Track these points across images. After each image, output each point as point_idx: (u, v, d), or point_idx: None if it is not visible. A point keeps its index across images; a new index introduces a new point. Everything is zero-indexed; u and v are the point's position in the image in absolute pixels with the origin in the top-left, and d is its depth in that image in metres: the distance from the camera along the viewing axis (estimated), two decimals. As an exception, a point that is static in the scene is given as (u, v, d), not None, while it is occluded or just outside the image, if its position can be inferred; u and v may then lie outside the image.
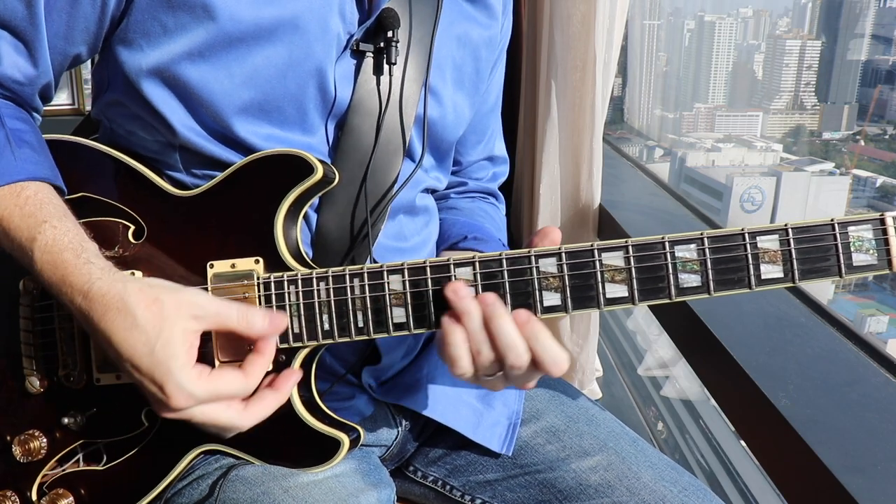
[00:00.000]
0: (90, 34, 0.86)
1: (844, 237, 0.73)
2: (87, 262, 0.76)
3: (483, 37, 1.05)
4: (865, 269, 0.73)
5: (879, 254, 0.73)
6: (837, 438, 0.84)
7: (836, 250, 0.73)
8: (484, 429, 1.01)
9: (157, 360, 0.72)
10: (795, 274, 0.73)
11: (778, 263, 0.74)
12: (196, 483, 0.89)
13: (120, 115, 0.92)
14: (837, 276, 0.73)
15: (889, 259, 0.73)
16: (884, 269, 0.74)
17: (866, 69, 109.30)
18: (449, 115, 1.00)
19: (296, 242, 0.86)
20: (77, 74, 3.05)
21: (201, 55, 0.84)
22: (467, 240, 1.06)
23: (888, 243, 0.73)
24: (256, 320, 0.77)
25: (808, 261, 0.73)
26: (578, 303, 0.76)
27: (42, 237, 0.76)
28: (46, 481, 0.87)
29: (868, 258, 0.73)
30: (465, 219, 1.12)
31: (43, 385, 0.87)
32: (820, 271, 0.74)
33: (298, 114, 0.89)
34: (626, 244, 0.75)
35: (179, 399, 0.73)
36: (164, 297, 0.74)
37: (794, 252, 0.73)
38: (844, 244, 0.73)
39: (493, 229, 1.12)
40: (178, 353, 0.73)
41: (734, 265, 0.74)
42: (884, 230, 0.73)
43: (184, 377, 0.73)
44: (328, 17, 0.88)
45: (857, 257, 0.73)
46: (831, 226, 0.73)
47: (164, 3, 0.83)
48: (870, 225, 0.73)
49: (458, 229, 1.09)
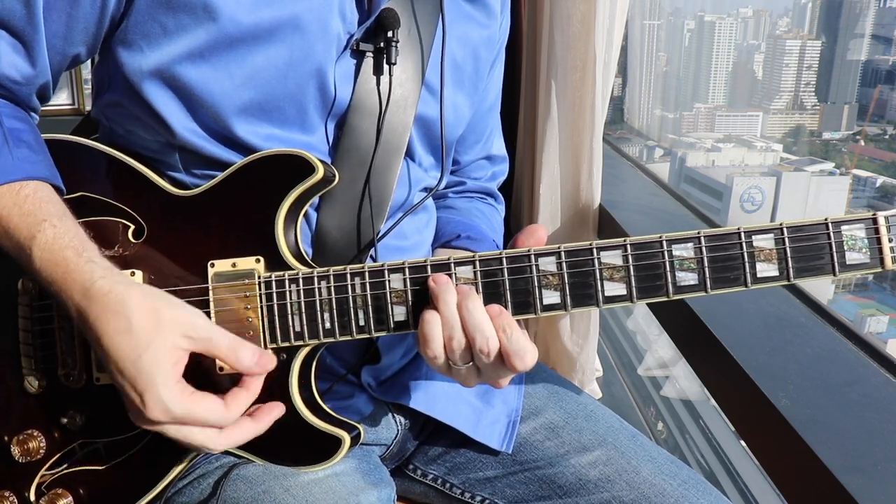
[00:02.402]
0: (89, 35, 0.86)
1: (838, 236, 0.74)
2: (90, 260, 0.76)
3: (482, 36, 1.05)
4: (858, 267, 0.75)
5: (872, 252, 0.74)
6: (837, 438, 0.84)
7: (829, 249, 0.74)
8: (484, 427, 1.01)
9: (142, 369, 0.72)
10: (790, 272, 0.75)
11: (773, 262, 0.75)
12: (197, 482, 0.89)
13: (120, 115, 0.92)
14: (831, 275, 0.74)
15: (881, 258, 0.74)
16: (876, 267, 0.75)
17: (866, 69, 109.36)
18: (448, 114, 1.00)
19: (296, 242, 0.86)
20: (77, 74, 3.05)
21: (201, 56, 0.84)
22: (460, 238, 1.07)
23: (880, 242, 0.74)
24: (245, 355, 0.77)
25: (802, 259, 0.74)
26: (577, 301, 0.77)
27: (42, 235, 0.76)
28: (45, 481, 0.86)
29: (861, 257, 0.74)
30: (461, 218, 1.13)
31: (42, 385, 0.87)
32: (814, 269, 0.75)
33: (298, 114, 0.89)
34: (624, 243, 0.76)
35: (155, 411, 0.73)
36: (162, 309, 0.74)
37: (789, 251, 0.74)
38: (838, 243, 0.74)
39: (487, 229, 1.12)
40: (163, 366, 0.73)
41: (730, 264, 0.75)
42: (876, 229, 0.74)
43: (164, 391, 0.72)
44: (328, 18, 0.88)
45: (850, 256, 0.74)
46: (825, 225, 0.74)
47: (165, 4, 0.83)
48: (862, 224, 0.74)
49: (451, 228, 1.10)
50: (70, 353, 0.86)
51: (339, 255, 0.92)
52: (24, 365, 0.87)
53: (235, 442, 0.79)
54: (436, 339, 0.77)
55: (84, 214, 0.85)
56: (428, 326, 0.77)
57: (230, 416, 0.77)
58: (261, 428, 0.81)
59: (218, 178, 0.87)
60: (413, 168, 0.99)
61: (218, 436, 0.77)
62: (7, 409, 0.88)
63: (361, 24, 0.91)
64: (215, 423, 0.76)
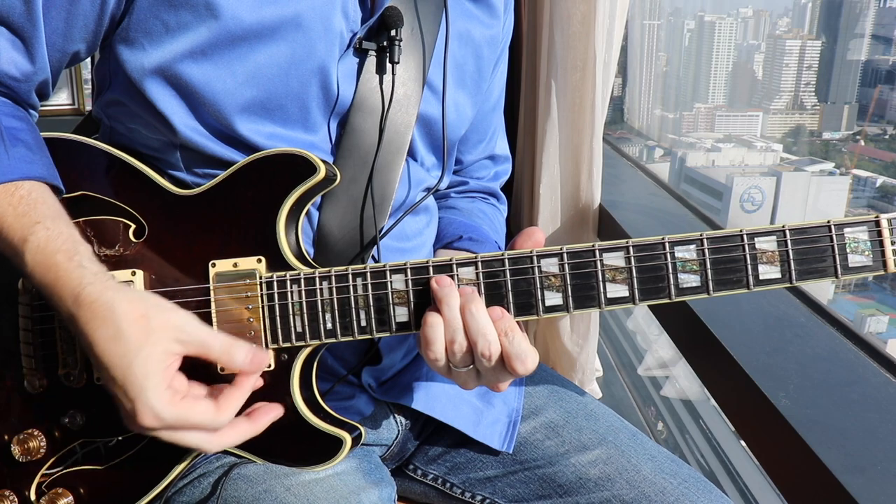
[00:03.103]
0: (89, 31, 0.86)
1: (840, 238, 0.74)
2: (80, 265, 0.75)
3: (485, 36, 1.05)
4: (861, 270, 0.74)
5: (874, 255, 0.74)
6: (837, 438, 0.84)
7: (832, 251, 0.74)
8: (484, 427, 1.02)
9: (133, 376, 0.72)
10: (793, 275, 0.74)
11: (776, 264, 0.74)
12: (197, 481, 0.89)
13: (121, 113, 0.92)
14: (833, 277, 0.74)
15: (884, 260, 0.74)
16: (879, 270, 0.75)
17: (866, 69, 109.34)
18: (451, 114, 1.01)
19: (297, 242, 0.86)
20: (77, 74, 3.05)
21: (204, 54, 0.84)
22: (462, 240, 1.07)
23: (883, 245, 0.74)
24: (238, 354, 0.76)
25: (804, 262, 0.74)
26: (580, 302, 0.77)
27: (34, 238, 0.76)
28: (45, 481, 0.86)
29: (863, 259, 0.74)
30: (462, 219, 1.13)
31: (42, 384, 0.87)
32: (816, 272, 0.75)
33: (301, 112, 0.89)
34: (626, 245, 0.76)
35: (146, 418, 0.72)
36: (151, 314, 0.73)
37: (792, 253, 0.74)
38: (840, 245, 0.74)
39: (489, 230, 1.12)
40: (154, 373, 0.72)
41: (733, 266, 0.75)
42: (878, 232, 0.74)
43: (155, 398, 0.72)
44: (331, 16, 0.88)
45: (852, 258, 0.74)
46: (827, 227, 0.74)
47: (166, 2, 0.83)
48: (865, 227, 0.74)
49: (453, 229, 1.10)
50: (70, 353, 0.86)
51: (340, 254, 0.92)
52: (24, 365, 0.87)
53: (231, 443, 0.79)
54: (438, 341, 0.77)
55: (85, 213, 0.86)
56: (430, 329, 0.77)
57: (223, 418, 0.76)
58: (257, 429, 0.80)
59: (219, 178, 0.87)
60: (415, 168, 0.99)
61: (212, 438, 0.77)
62: (7, 408, 0.88)
63: (365, 23, 0.91)
64: (208, 426, 0.76)
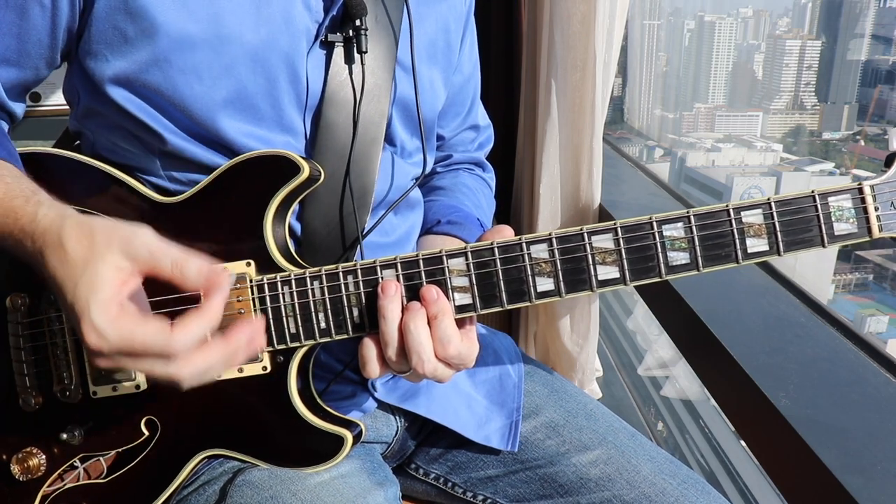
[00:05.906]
0: (44, 47, 0.85)
1: (825, 208, 0.74)
2: (38, 203, 0.72)
3: (449, 9, 1.03)
4: (846, 237, 0.75)
5: (859, 222, 0.75)
6: (837, 438, 0.84)
7: (817, 221, 0.74)
8: (486, 428, 1.02)
9: (79, 296, 0.66)
10: (780, 246, 0.75)
11: (763, 237, 0.75)
12: (202, 489, 0.89)
13: (97, 124, 0.91)
14: (820, 246, 0.75)
15: (868, 227, 0.74)
16: (864, 236, 0.75)
17: (866, 69, 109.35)
18: (426, 92, 0.99)
19: (285, 243, 0.85)
20: (77, 74, 3.05)
21: (167, 60, 0.82)
22: (441, 224, 1.05)
23: (867, 212, 0.74)
24: (191, 270, 0.69)
25: (791, 232, 0.75)
26: (571, 286, 0.77)
27: None
28: (47, 498, 0.85)
29: (849, 227, 0.75)
30: (443, 199, 1.11)
31: (38, 402, 0.85)
32: (803, 242, 0.75)
33: (273, 110, 0.87)
34: (614, 226, 0.76)
35: (91, 337, 0.65)
36: (97, 231, 0.69)
37: (778, 225, 0.75)
38: (825, 214, 0.74)
39: (472, 207, 1.10)
40: (100, 289, 0.66)
41: (721, 241, 0.75)
42: (862, 199, 0.74)
43: (96, 313, 0.65)
44: (290, 8, 0.86)
45: (838, 227, 0.74)
46: (812, 197, 0.74)
47: (122, 11, 0.81)
48: (849, 195, 0.74)
49: (432, 214, 1.08)
50: (65, 368, 0.85)
51: (327, 251, 0.91)
52: (18, 383, 0.85)
53: (201, 369, 0.68)
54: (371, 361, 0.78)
55: None
56: (365, 349, 0.78)
57: (177, 341, 0.66)
58: (233, 346, 0.70)
59: (203, 183, 0.86)
60: (396, 158, 0.98)
61: (173, 365, 0.67)
62: (5, 428, 0.86)
63: (328, 13, 0.89)
64: (161, 349, 0.66)
